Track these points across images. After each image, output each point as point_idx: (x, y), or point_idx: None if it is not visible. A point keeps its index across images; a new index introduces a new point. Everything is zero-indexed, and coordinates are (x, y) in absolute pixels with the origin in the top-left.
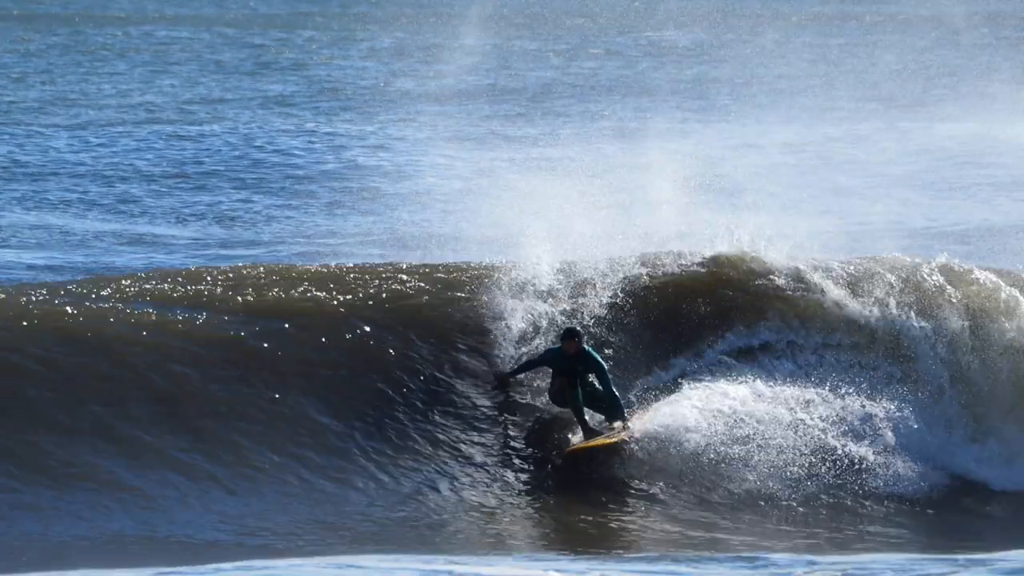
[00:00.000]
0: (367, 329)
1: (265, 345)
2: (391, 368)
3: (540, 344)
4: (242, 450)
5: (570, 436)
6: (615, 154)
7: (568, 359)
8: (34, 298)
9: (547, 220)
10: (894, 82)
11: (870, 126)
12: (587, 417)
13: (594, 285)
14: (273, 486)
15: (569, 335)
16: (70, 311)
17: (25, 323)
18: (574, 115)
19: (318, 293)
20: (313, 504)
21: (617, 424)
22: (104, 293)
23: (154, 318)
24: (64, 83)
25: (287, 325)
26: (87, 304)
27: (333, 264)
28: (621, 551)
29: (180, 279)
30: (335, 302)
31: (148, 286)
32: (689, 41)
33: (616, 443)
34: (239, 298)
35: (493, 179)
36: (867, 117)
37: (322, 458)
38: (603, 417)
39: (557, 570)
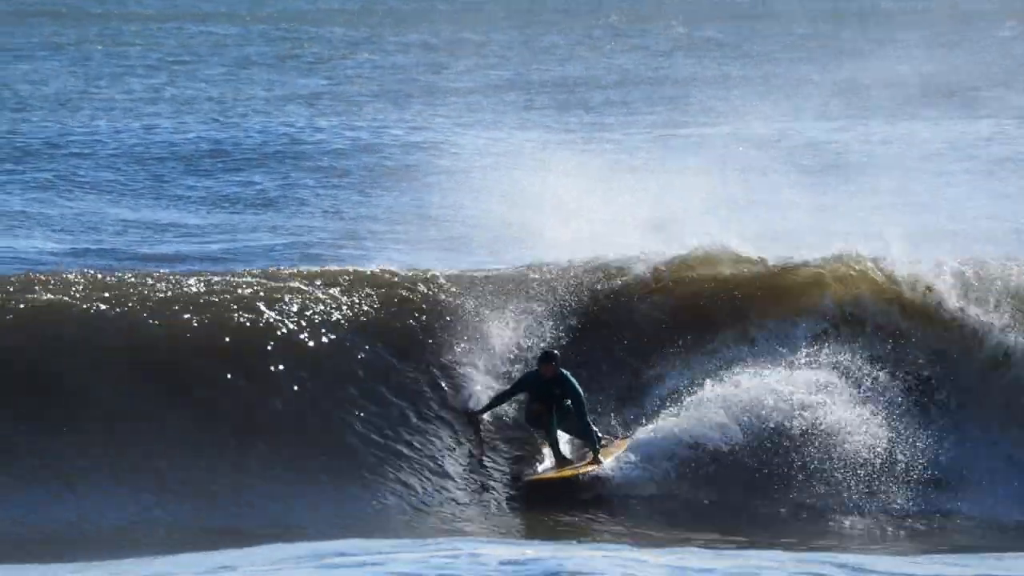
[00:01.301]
0: (355, 336)
1: (258, 350)
2: (384, 374)
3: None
4: (229, 446)
5: (540, 459)
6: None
7: (545, 383)
8: (60, 287)
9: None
10: (922, 77)
11: (901, 122)
12: (564, 438)
13: (600, 293)
14: (258, 482)
15: (546, 358)
16: (104, 297)
17: (53, 309)
18: (606, 107)
19: (309, 302)
20: (307, 498)
21: (589, 455)
22: (137, 284)
23: (178, 313)
24: (95, 76)
25: (283, 331)
26: (115, 293)
27: (335, 267)
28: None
29: (215, 278)
30: (327, 311)
31: (181, 282)
32: (720, 37)
33: (584, 474)
34: (243, 307)
35: (521, 167)
36: (897, 112)
37: (308, 458)
38: (580, 441)
39: (532, 548)
